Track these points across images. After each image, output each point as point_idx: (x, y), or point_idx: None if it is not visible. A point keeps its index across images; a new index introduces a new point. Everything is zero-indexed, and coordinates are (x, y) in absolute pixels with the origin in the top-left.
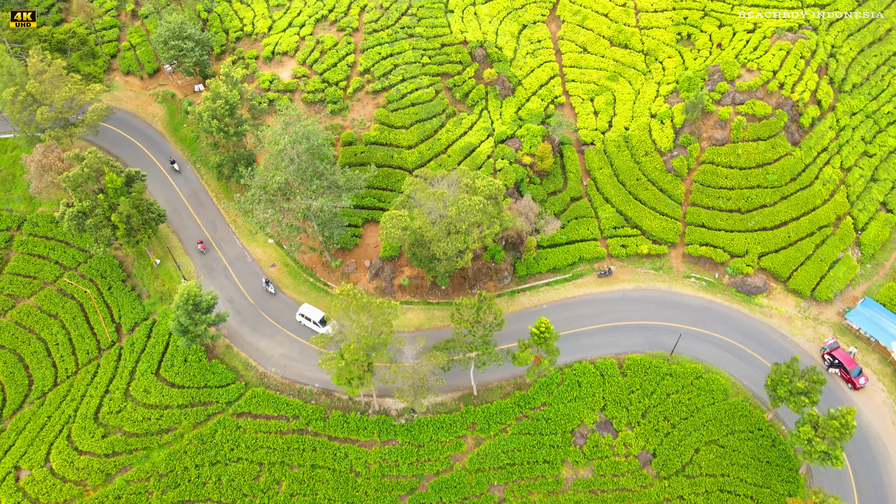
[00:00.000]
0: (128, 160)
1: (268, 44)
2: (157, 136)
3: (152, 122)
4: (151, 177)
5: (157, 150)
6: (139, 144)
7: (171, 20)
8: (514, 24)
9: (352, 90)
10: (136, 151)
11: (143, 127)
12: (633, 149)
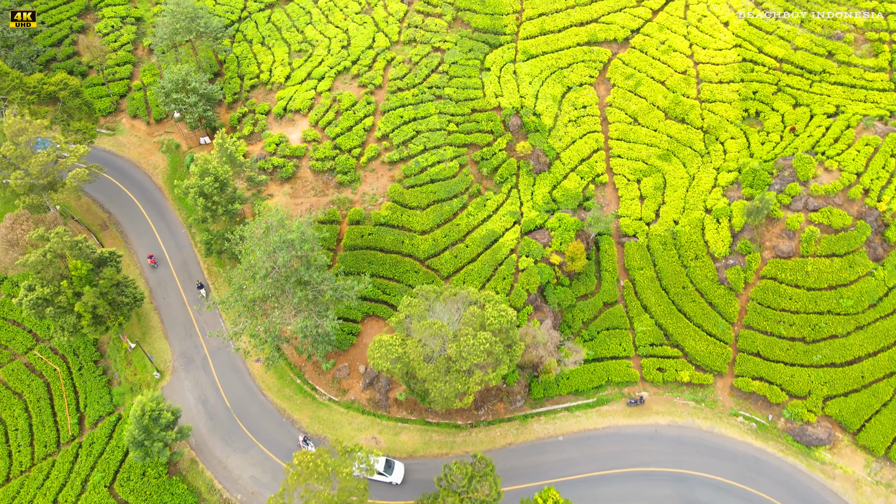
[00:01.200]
0: (120, 217)
1: (281, 98)
2: (155, 191)
3: (153, 174)
4: (141, 240)
5: (152, 209)
6: (135, 200)
7: (175, 70)
8: (557, 87)
9: (366, 159)
10: (131, 208)
11: (142, 180)
12: (681, 248)
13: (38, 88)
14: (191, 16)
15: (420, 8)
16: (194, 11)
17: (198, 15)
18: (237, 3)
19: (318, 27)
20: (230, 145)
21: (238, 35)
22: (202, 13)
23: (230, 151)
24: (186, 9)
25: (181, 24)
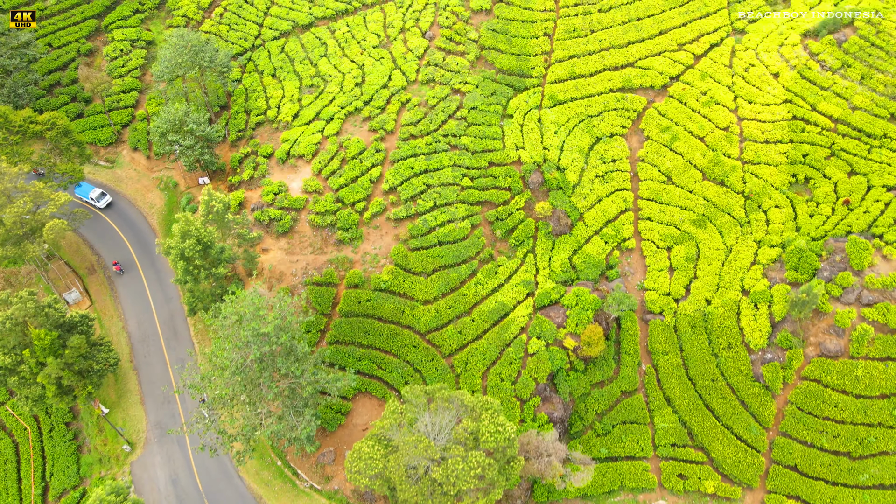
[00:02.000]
0: (109, 260)
1: (286, 140)
2: (148, 234)
3: (148, 214)
4: (128, 288)
5: (143, 253)
6: (126, 242)
7: (172, 110)
8: (584, 137)
9: (370, 214)
10: (121, 251)
11: (136, 220)
12: (712, 333)
13: (24, 127)
14: (195, 49)
15: (442, 44)
16: (199, 44)
17: (202, 48)
18: (252, 30)
19: (332, 60)
20: (217, 202)
21: (249, 65)
22: (207, 46)
23: (216, 209)
24: (191, 41)
25: (184, 58)
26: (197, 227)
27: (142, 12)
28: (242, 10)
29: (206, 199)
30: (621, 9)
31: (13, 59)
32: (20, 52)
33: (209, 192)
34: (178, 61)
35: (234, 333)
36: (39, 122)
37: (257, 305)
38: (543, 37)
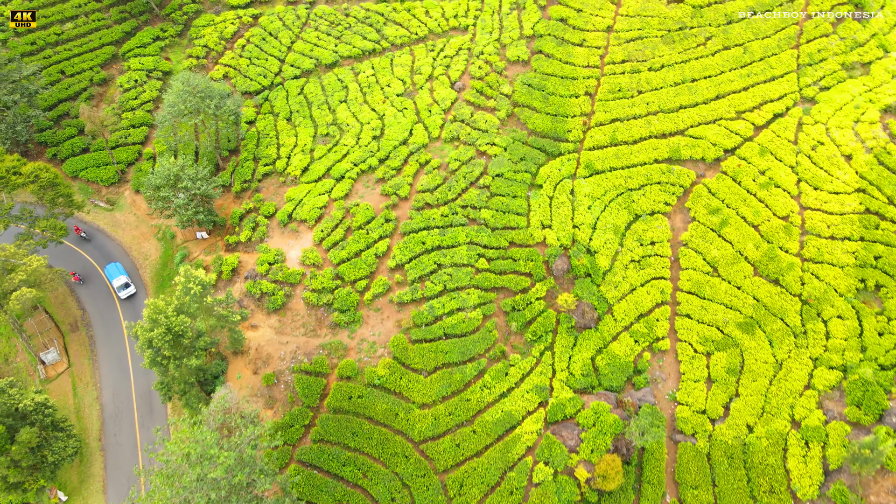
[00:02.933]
0: (94, 317)
1: (291, 199)
2: (139, 287)
3: (141, 266)
4: (110, 351)
5: (131, 314)
6: (115, 298)
7: (167, 164)
8: (622, 214)
9: (371, 295)
10: (108, 308)
11: (129, 271)
12: (752, 470)
13: (6, 179)
14: (200, 95)
15: (471, 98)
16: (206, 90)
17: (209, 94)
18: (272, 66)
19: (352, 107)
20: (195, 285)
21: (265, 105)
22: (215, 92)
23: (194, 292)
24: (197, 85)
25: (188, 105)
26: (168, 314)
27: (162, 40)
28: (265, 44)
29: (182, 280)
30: (674, 68)
31: (13, 93)
32: (21, 86)
33: (187, 272)
34: (180, 108)
35: (175, 478)
36: (23, 173)
37: (209, 443)
38: (584, 96)
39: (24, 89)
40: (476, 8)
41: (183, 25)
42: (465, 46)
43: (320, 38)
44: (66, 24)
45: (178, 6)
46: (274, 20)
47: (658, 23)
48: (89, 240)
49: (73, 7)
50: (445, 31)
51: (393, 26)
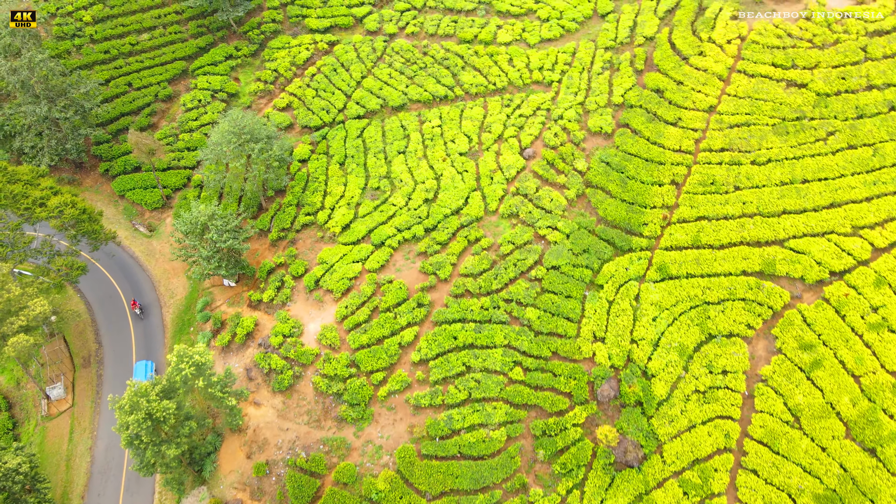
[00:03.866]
0: (108, 355)
1: (323, 261)
2: (157, 331)
3: (165, 305)
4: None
5: (150, 350)
6: (132, 337)
7: (195, 211)
8: (692, 332)
9: (386, 391)
10: (124, 347)
11: (152, 309)
12: None
13: (31, 210)
14: (245, 137)
15: (539, 169)
16: (254, 132)
17: (256, 137)
18: (338, 101)
19: (409, 161)
20: (188, 366)
21: (322, 144)
22: (262, 134)
23: (185, 375)
24: (244, 128)
25: (231, 147)
26: (151, 398)
27: (235, 59)
28: (335, 76)
29: (174, 359)
30: (783, 164)
31: (67, 109)
32: (77, 102)
33: (180, 352)
34: (223, 149)
35: None
36: (47, 206)
37: None
38: (669, 185)
39: (80, 106)
40: (565, 62)
41: (258, 45)
42: (544, 106)
43: (392, 75)
44: (142, 34)
45: (256, 24)
46: (349, 50)
47: (771, 109)
48: (143, 319)
49: (153, 17)
50: (527, 85)
51: (471, 72)
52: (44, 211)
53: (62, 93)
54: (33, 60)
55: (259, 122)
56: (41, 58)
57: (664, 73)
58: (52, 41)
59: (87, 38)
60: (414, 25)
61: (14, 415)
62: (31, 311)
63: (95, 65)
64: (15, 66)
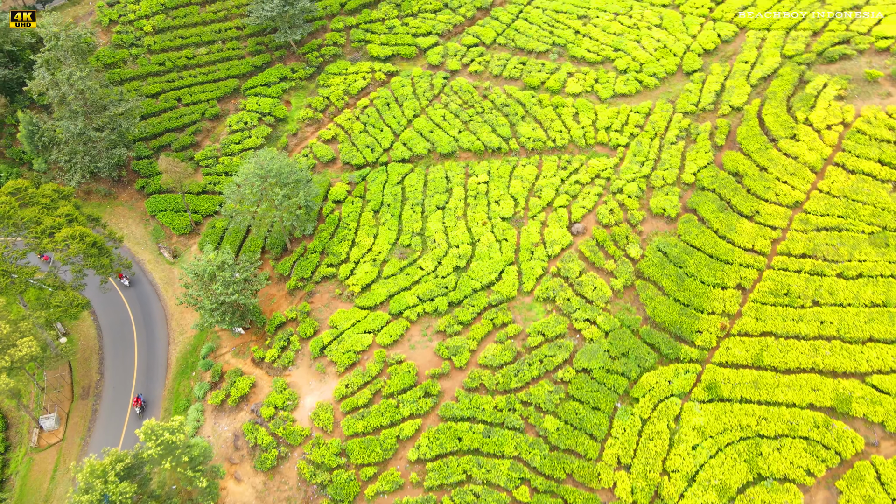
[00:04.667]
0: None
1: (333, 325)
2: (158, 370)
3: (173, 341)
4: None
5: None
6: (135, 370)
7: (204, 259)
8: (738, 469)
9: (374, 491)
10: (123, 382)
11: (158, 344)
12: None
13: (39, 240)
14: (273, 180)
15: (587, 250)
16: (281, 176)
17: (283, 180)
18: (385, 139)
19: (447, 219)
20: (156, 445)
21: (360, 186)
22: (290, 176)
23: (150, 456)
24: (272, 171)
25: (254, 191)
26: (109, 478)
27: (289, 81)
28: (387, 111)
29: (143, 437)
30: (877, 282)
31: (102, 129)
32: (115, 121)
33: (149, 429)
34: (245, 193)
35: None
36: (56, 238)
37: None
38: (734, 290)
39: (117, 125)
40: (636, 123)
41: (315, 69)
42: (604, 174)
43: (446, 117)
44: (200, 48)
45: (317, 46)
46: (406, 84)
47: (870, 214)
48: (142, 416)
49: (213, 31)
50: (589, 146)
51: (530, 124)
52: (50, 242)
53: (101, 109)
54: (72, 76)
55: (288, 165)
56: (80, 75)
57: (747, 155)
58: (111, 49)
59: (144, 48)
60: (479, 63)
61: (9, 437)
62: (18, 352)
63: (149, 76)
64: (56, 80)
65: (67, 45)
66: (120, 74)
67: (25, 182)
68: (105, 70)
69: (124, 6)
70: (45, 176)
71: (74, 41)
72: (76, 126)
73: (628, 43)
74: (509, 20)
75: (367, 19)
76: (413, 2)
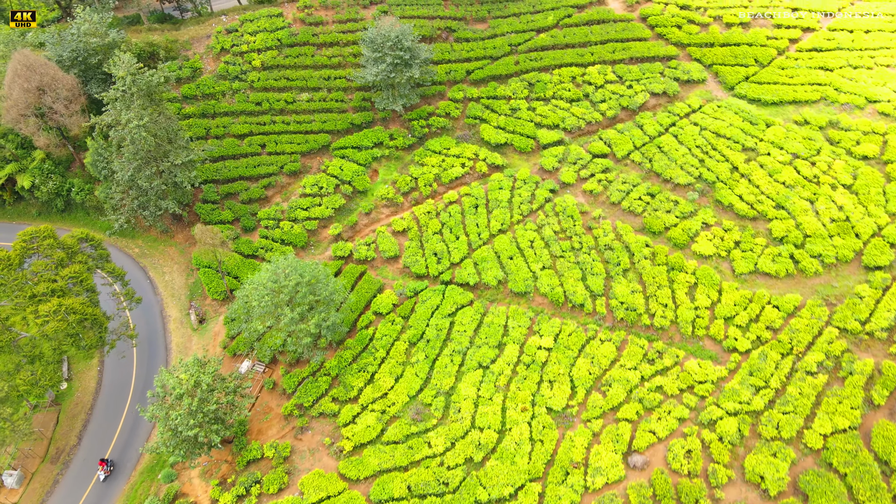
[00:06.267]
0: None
1: (303, 489)
2: (142, 440)
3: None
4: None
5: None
6: (111, 447)
7: (177, 379)
8: None
9: None
10: (100, 451)
11: (139, 428)
12: None
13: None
14: (288, 296)
15: (637, 499)
16: (299, 294)
17: (299, 300)
18: (457, 251)
19: (485, 385)
20: None
21: (406, 305)
22: (306, 296)
23: None
24: (284, 287)
25: (262, 305)
26: None
27: (384, 147)
28: (472, 215)
29: None
30: None
31: (151, 178)
32: (172, 171)
33: None
34: (253, 306)
35: None
36: (39, 311)
37: None
38: None
39: (172, 176)
40: (769, 324)
41: (417, 140)
42: (700, 389)
43: (535, 243)
44: (303, 93)
45: (426, 114)
46: (505, 186)
47: None
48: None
49: (321, 78)
50: (696, 338)
51: (631, 283)
52: (33, 313)
53: (162, 156)
54: (129, 123)
55: (309, 282)
56: (136, 123)
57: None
58: (213, 78)
59: (247, 84)
60: (598, 182)
61: None
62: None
63: (242, 114)
64: (119, 121)
65: (136, 89)
66: (215, 107)
67: (48, 228)
68: (202, 99)
69: (241, 35)
70: (109, 200)
71: (144, 87)
72: (125, 173)
73: (797, 202)
74: (655, 132)
75: (491, 94)
76: (549, 85)
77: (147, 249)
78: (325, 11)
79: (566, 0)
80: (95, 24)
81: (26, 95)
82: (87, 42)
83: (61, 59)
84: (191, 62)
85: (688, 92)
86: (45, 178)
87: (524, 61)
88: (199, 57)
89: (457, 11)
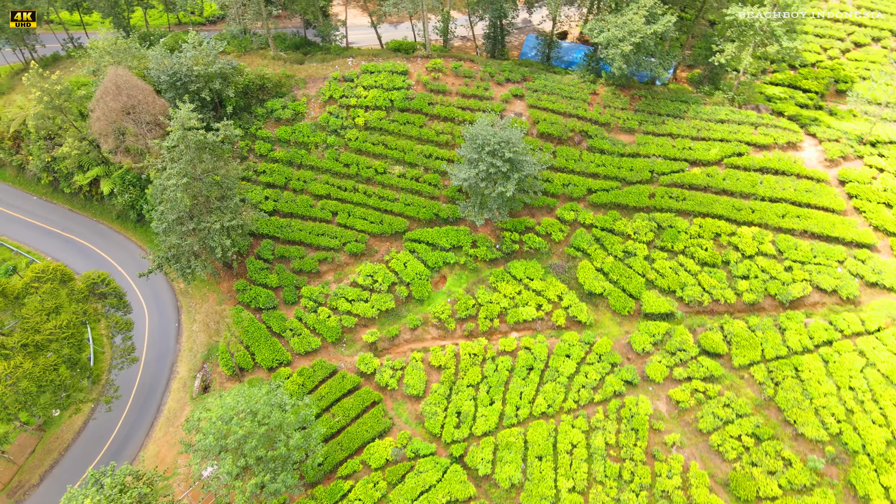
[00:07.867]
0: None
1: None
2: None
3: None
4: None
5: None
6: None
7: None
8: None
9: None
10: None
11: None
12: None
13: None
14: (256, 442)
15: None
16: (273, 431)
17: (245, 449)
18: (487, 419)
19: None
20: None
21: (376, 475)
22: (261, 448)
23: None
24: (250, 429)
25: (213, 446)
26: None
27: (459, 254)
28: (519, 380)
29: None
30: None
31: (186, 236)
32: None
33: None
34: (208, 444)
35: None
36: (10, 364)
37: None
38: None
39: (208, 238)
40: None
41: (502, 255)
42: None
43: (575, 451)
44: (396, 166)
45: (522, 227)
46: (573, 354)
47: None
48: None
49: (422, 155)
50: None
51: None
52: (18, 371)
53: (207, 212)
54: (166, 182)
55: (272, 426)
56: (175, 182)
57: None
58: (311, 126)
59: (343, 140)
60: (693, 393)
61: None
62: None
63: (326, 172)
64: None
65: (184, 146)
66: (303, 158)
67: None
68: (294, 146)
69: (355, 87)
70: None
71: (196, 142)
72: (162, 225)
73: None
74: (798, 346)
75: (608, 225)
76: (683, 235)
77: (192, 287)
78: (453, 79)
79: (742, 133)
80: (205, 51)
81: (109, 115)
82: (189, 68)
83: (159, 82)
84: (296, 104)
85: (870, 300)
86: (125, 188)
87: (662, 196)
88: (305, 100)
89: (601, 115)
